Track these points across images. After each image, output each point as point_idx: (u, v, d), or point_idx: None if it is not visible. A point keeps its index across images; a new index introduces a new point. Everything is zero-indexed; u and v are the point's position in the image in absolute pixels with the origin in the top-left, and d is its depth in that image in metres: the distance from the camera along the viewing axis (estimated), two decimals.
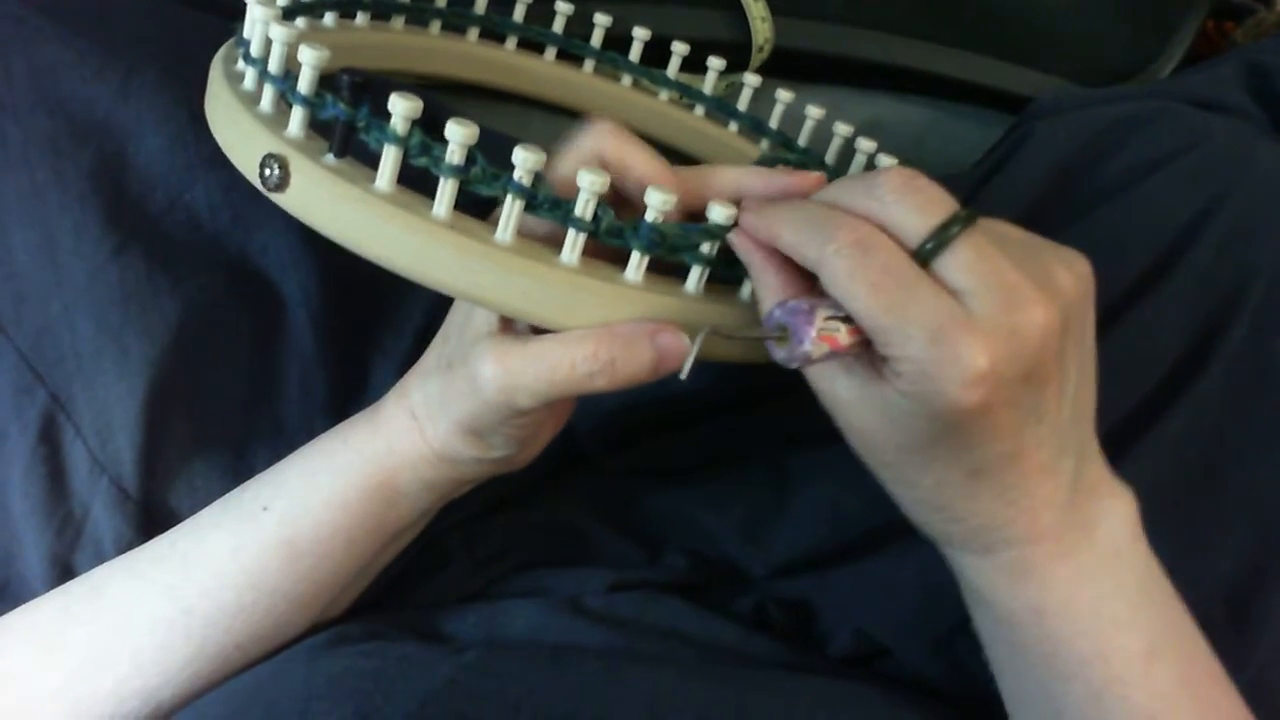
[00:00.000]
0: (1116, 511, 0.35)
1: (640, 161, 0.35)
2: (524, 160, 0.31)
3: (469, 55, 0.56)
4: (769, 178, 0.35)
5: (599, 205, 0.32)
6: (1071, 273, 0.32)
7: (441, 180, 0.31)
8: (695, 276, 0.34)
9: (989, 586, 0.35)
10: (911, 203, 0.30)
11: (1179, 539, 0.43)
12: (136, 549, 0.43)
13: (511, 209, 0.32)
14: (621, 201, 0.36)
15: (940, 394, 0.29)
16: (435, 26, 0.54)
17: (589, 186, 0.31)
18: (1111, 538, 0.34)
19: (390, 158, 0.31)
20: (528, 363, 0.33)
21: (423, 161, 0.31)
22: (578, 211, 0.32)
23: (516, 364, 0.33)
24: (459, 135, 0.30)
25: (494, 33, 0.56)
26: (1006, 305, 0.29)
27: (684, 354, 0.33)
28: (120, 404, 0.44)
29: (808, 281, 0.32)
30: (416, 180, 0.32)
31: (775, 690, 0.41)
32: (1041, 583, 0.34)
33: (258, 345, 0.48)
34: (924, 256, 0.30)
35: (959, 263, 0.29)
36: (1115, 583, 0.34)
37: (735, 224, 0.33)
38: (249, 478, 0.43)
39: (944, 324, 0.29)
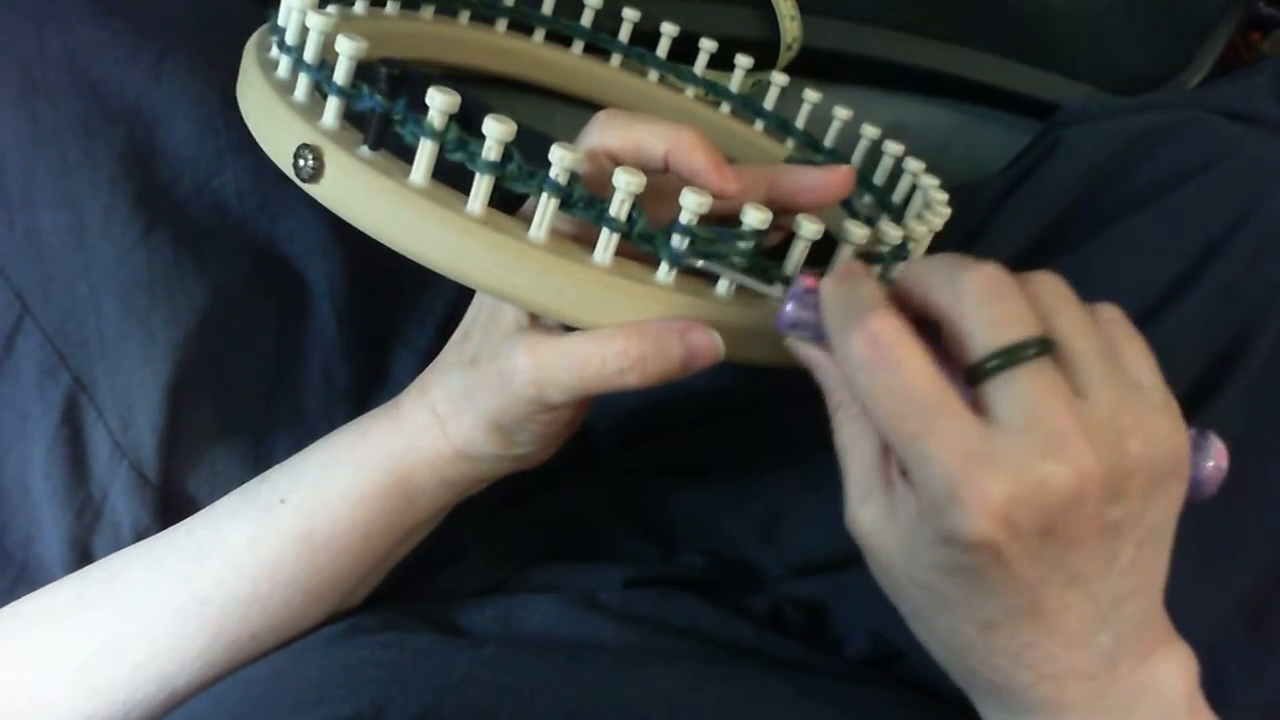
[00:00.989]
0: (1167, 685, 0.31)
1: (651, 137, 0.34)
2: (561, 159, 0.31)
3: (497, 46, 0.56)
4: (799, 175, 0.35)
5: (634, 207, 0.32)
6: (1157, 438, 0.28)
7: (477, 176, 0.31)
8: (726, 279, 0.34)
9: None
10: (989, 313, 0.28)
11: (1197, 554, 0.43)
12: (154, 536, 0.43)
13: (546, 207, 0.32)
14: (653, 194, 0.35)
15: (949, 529, 0.27)
16: (464, 17, 0.54)
17: (625, 187, 0.31)
18: (1160, 711, 0.31)
19: (426, 152, 0.31)
20: (560, 357, 0.33)
21: (459, 157, 0.31)
22: (612, 211, 0.32)
23: (549, 358, 0.33)
24: (497, 132, 0.30)
25: (522, 25, 0.56)
26: (1041, 451, 0.27)
27: (714, 352, 0.33)
28: (143, 388, 0.44)
29: None
30: (449, 175, 0.32)
31: (790, 691, 0.41)
32: None
33: (281, 333, 0.48)
34: (979, 375, 0.28)
35: (1012, 392, 0.27)
36: None
37: (769, 228, 0.33)
38: (268, 465, 0.43)
39: (961, 458, 0.27)
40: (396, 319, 0.50)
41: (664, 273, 0.33)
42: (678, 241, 0.32)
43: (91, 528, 0.45)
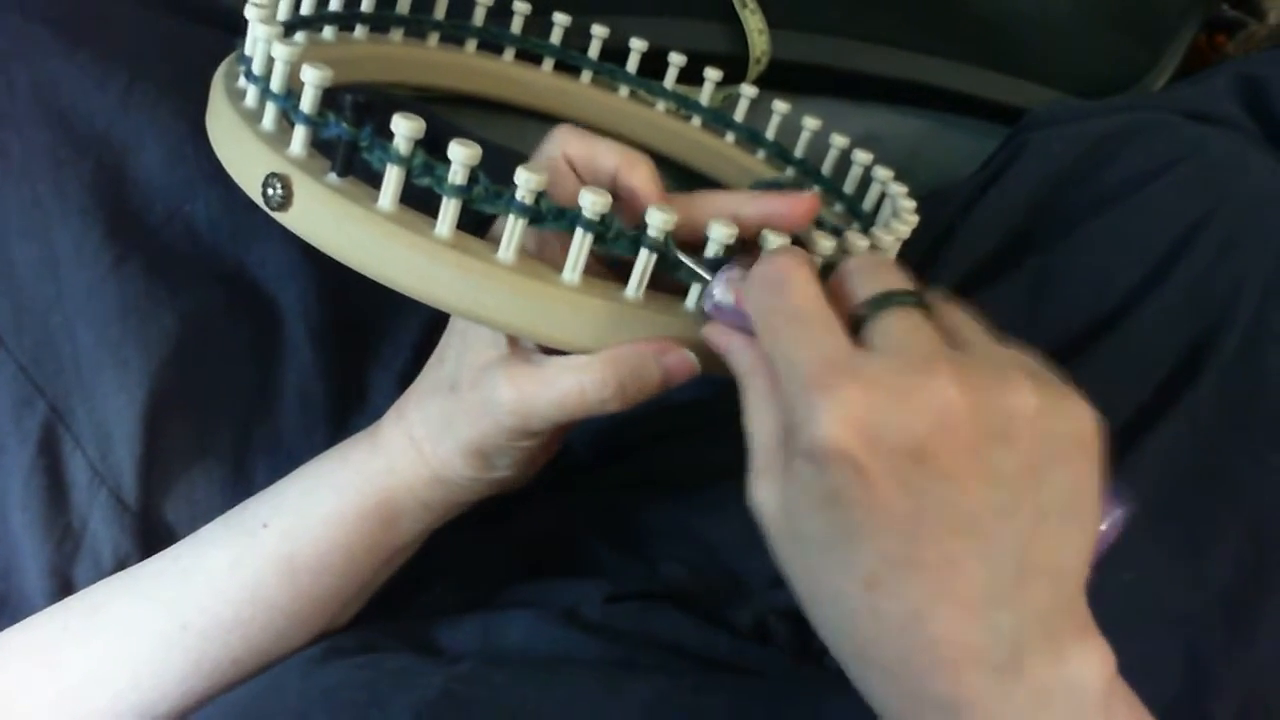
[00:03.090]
0: (1081, 686, 0.28)
1: (604, 152, 0.35)
2: (526, 180, 0.31)
3: (467, 67, 0.56)
4: (763, 203, 0.35)
5: (605, 213, 0.32)
6: (1037, 397, 0.27)
7: (444, 200, 0.32)
8: (695, 294, 0.34)
9: None
10: (878, 271, 0.30)
11: (1175, 546, 0.44)
12: (137, 565, 0.43)
13: (514, 228, 0.32)
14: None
15: (807, 438, 0.26)
16: (433, 39, 0.54)
17: (590, 207, 0.31)
18: (1075, 715, 0.28)
19: (393, 177, 0.32)
20: (541, 388, 0.34)
21: (426, 181, 0.32)
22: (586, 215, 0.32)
23: (530, 389, 0.34)
24: (461, 156, 0.31)
25: (492, 44, 0.56)
26: (905, 367, 0.27)
27: (690, 369, 0.34)
28: (119, 416, 0.44)
29: None
30: (419, 199, 0.33)
31: (773, 703, 0.41)
32: None
33: (256, 358, 0.48)
34: (859, 317, 0.29)
35: (884, 325, 0.28)
36: None
37: (736, 242, 0.33)
38: (248, 489, 0.43)
39: (824, 366, 0.27)
40: (372, 340, 0.51)
41: (634, 289, 0.33)
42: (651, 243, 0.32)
43: (72, 556, 0.44)
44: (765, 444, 0.30)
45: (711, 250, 0.33)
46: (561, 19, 0.56)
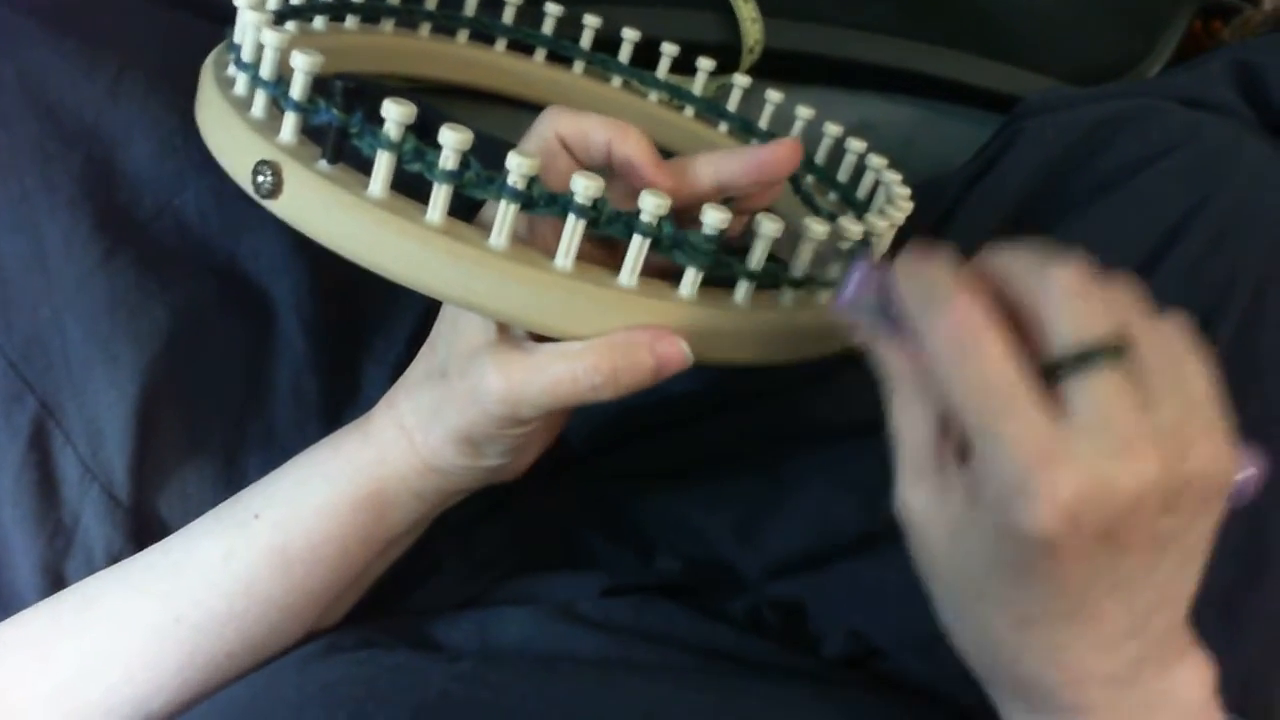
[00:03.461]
0: (1185, 692, 0.31)
1: (595, 127, 0.36)
2: (518, 165, 0.31)
3: (459, 57, 0.56)
4: (744, 157, 0.36)
5: (598, 198, 0.32)
6: (1213, 456, 0.28)
7: (435, 186, 0.31)
8: (689, 279, 0.34)
9: None
10: (1075, 309, 0.28)
11: None
12: (130, 559, 0.42)
13: (505, 213, 0.32)
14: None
15: (1014, 520, 0.27)
16: (425, 29, 0.54)
17: (583, 192, 0.31)
18: (1174, 717, 0.31)
19: (384, 164, 0.31)
20: (531, 375, 0.33)
21: (416, 167, 0.31)
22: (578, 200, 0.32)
23: (520, 376, 0.33)
24: (452, 141, 0.30)
25: (484, 35, 0.56)
26: (1112, 453, 0.27)
27: (682, 358, 0.33)
28: (110, 410, 0.44)
29: None
30: (411, 185, 0.32)
31: (770, 694, 0.41)
32: None
33: (248, 350, 0.47)
34: (1058, 371, 0.28)
35: (1089, 393, 0.27)
36: None
37: (728, 228, 0.33)
38: (240, 483, 0.43)
39: (1036, 448, 0.27)
40: (365, 333, 0.50)
41: (627, 274, 0.33)
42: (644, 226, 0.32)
43: (64, 552, 0.44)
44: (920, 448, 0.30)
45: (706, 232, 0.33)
46: (554, 9, 0.56)
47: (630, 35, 0.56)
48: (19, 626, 0.42)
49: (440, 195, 0.31)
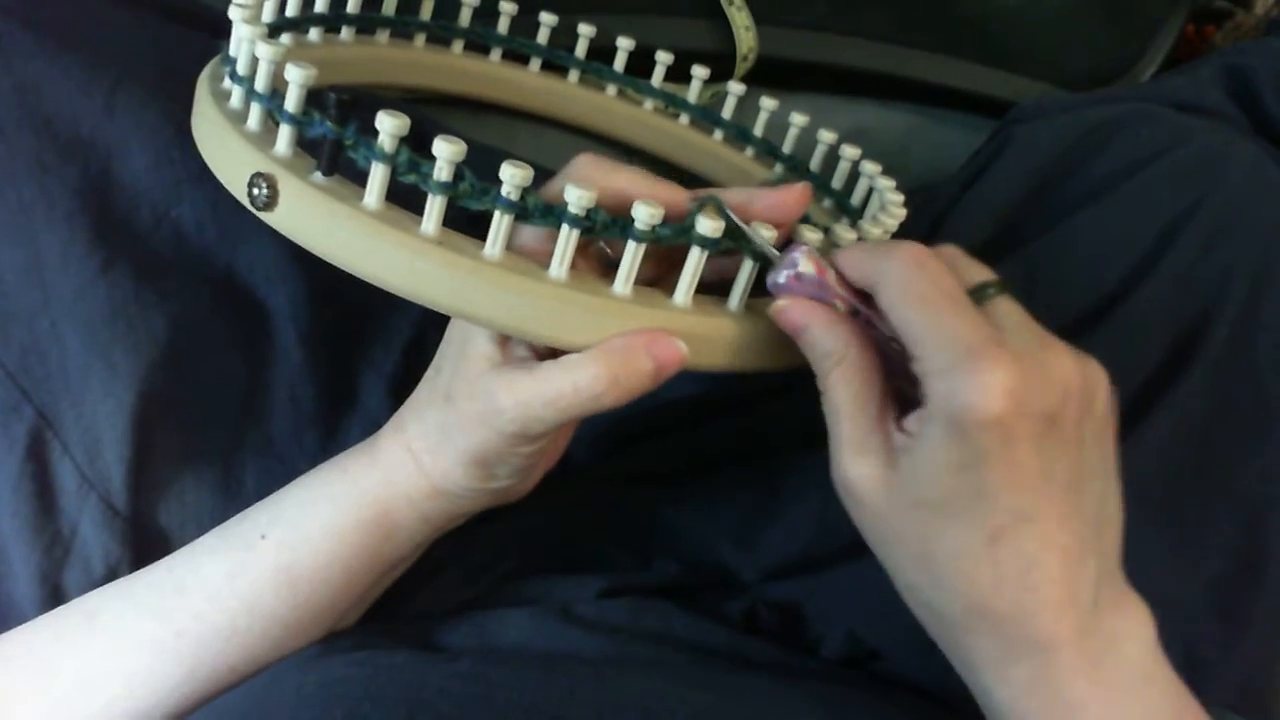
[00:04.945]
0: (1139, 633, 0.33)
1: (626, 181, 0.35)
2: (512, 176, 0.31)
3: (454, 68, 0.56)
4: (754, 198, 0.36)
5: (591, 208, 0.32)
6: (1082, 369, 0.32)
7: (430, 197, 0.32)
8: (683, 287, 0.34)
9: (1011, 708, 0.33)
10: (966, 259, 0.34)
11: (1166, 538, 0.44)
12: (133, 575, 0.42)
13: (500, 224, 0.32)
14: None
15: (964, 403, 0.29)
16: (420, 40, 0.54)
17: (576, 203, 0.31)
18: (1140, 658, 0.33)
19: (378, 175, 0.32)
20: (535, 391, 0.33)
21: (411, 178, 0.31)
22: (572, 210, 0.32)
23: (528, 395, 0.34)
24: (446, 152, 0.31)
25: (479, 45, 0.56)
26: (1041, 344, 0.31)
27: (680, 357, 0.34)
28: (108, 420, 0.44)
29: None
30: (406, 197, 0.33)
31: (768, 695, 0.41)
32: (1068, 701, 0.32)
33: (246, 360, 0.47)
34: (980, 294, 0.33)
35: (1005, 308, 0.32)
36: (1145, 707, 0.33)
37: (721, 235, 0.33)
38: (238, 492, 0.43)
39: (981, 340, 0.30)
40: (363, 341, 0.50)
41: (621, 283, 0.33)
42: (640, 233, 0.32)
43: (62, 562, 0.44)
44: (861, 419, 0.33)
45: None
46: (548, 19, 0.56)
47: (625, 44, 0.57)
48: (20, 640, 0.42)
49: (435, 206, 0.32)
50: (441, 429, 0.37)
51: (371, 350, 0.51)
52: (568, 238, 0.32)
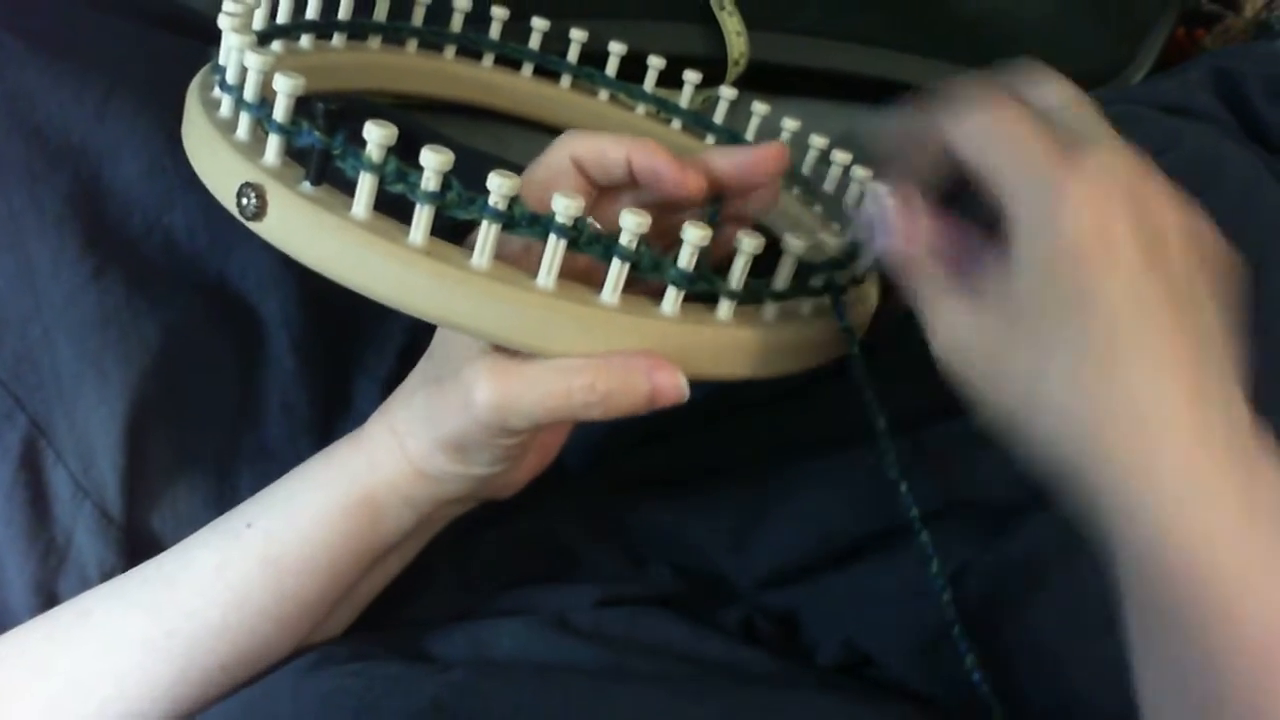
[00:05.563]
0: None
1: (611, 144, 0.36)
2: (499, 186, 0.31)
3: (446, 73, 0.56)
4: (731, 153, 0.37)
5: (578, 218, 0.32)
6: (1199, 215, 0.33)
7: (417, 207, 0.32)
8: (671, 297, 0.34)
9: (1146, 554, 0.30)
10: (1046, 79, 0.35)
11: None
12: (125, 574, 0.43)
13: (487, 234, 0.32)
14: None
15: (1058, 213, 0.30)
16: (412, 45, 0.54)
17: (564, 211, 0.31)
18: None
19: (366, 185, 0.32)
20: (524, 387, 0.33)
21: (398, 188, 0.32)
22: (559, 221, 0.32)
23: (512, 387, 0.34)
24: (434, 162, 0.31)
25: (470, 50, 0.56)
26: (1138, 168, 0.31)
27: (679, 393, 0.33)
28: (101, 428, 0.44)
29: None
30: (396, 205, 0.33)
31: (765, 703, 0.41)
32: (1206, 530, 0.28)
33: (239, 367, 0.48)
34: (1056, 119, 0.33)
35: (1084, 113, 0.33)
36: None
37: (707, 245, 0.33)
38: (233, 499, 0.43)
39: (1062, 162, 0.30)
40: (356, 347, 0.51)
41: (609, 293, 0.33)
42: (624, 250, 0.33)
43: (57, 571, 0.44)
44: (950, 302, 0.33)
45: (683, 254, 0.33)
46: (540, 24, 0.56)
47: (617, 49, 0.57)
48: (14, 641, 0.42)
49: (422, 216, 0.32)
50: (426, 411, 0.38)
51: (365, 356, 0.51)
52: (554, 247, 0.32)
